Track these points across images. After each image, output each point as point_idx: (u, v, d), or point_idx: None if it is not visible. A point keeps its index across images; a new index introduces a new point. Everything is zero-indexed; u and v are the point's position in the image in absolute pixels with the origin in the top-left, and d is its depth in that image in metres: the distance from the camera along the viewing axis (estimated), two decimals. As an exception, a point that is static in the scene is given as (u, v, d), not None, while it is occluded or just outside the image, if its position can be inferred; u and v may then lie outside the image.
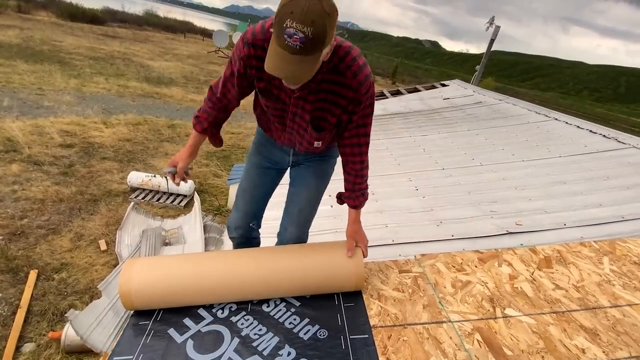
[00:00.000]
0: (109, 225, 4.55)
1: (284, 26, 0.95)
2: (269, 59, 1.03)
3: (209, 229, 4.36)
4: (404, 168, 3.40)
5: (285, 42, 0.97)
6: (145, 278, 1.43)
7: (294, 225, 1.65)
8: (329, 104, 1.27)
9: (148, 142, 7.54)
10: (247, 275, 1.47)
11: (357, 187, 1.48)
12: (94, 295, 3.38)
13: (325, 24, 0.97)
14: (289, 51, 0.98)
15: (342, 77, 1.20)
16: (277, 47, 1.00)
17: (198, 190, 5.74)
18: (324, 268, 1.50)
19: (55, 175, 5.42)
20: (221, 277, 1.47)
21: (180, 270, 1.48)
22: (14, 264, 3.61)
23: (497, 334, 1.32)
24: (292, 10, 0.94)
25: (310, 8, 0.94)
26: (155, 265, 1.51)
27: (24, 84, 9.51)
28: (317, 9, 0.95)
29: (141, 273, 1.44)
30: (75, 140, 6.73)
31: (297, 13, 0.94)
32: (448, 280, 1.63)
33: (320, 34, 0.97)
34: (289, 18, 0.94)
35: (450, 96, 6.35)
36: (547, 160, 3.24)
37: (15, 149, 5.86)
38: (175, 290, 1.43)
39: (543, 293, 1.53)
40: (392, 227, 2.30)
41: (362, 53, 1.25)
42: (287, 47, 0.98)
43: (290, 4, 0.95)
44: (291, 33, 0.95)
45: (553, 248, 1.82)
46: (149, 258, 1.53)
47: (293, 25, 0.94)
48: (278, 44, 1.00)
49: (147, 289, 1.42)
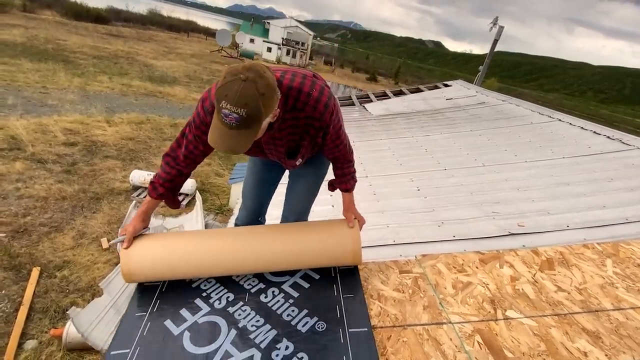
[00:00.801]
0: (111, 224, 4.56)
1: (220, 106, 1.02)
2: (211, 132, 1.10)
3: (211, 227, 4.36)
4: (406, 168, 3.39)
5: (223, 120, 1.04)
6: (144, 248, 1.48)
7: (293, 214, 1.76)
8: (298, 135, 1.33)
9: (150, 140, 7.56)
10: (246, 245, 1.51)
11: (346, 171, 1.56)
12: (96, 293, 3.39)
13: (259, 104, 1.03)
14: (227, 127, 1.05)
15: (303, 112, 1.26)
16: (217, 122, 1.08)
17: (200, 189, 5.75)
18: (321, 238, 1.55)
19: (59, 173, 5.45)
20: (220, 246, 1.52)
21: (180, 240, 1.55)
22: (16, 261, 3.63)
23: (497, 336, 1.31)
24: (227, 94, 1.01)
25: (243, 92, 1.01)
26: (155, 237, 1.56)
27: (29, 82, 9.57)
28: (250, 92, 1.01)
29: (141, 243, 1.48)
30: (78, 139, 6.76)
31: (230, 97, 1.00)
32: (449, 281, 1.62)
33: (254, 114, 1.03)
34: (223, 100, 1.01)
35: (453, 96, 6.33)
36: (551, 162, 3.22)
37: (19, 147, 5.89)
38: (174, 258, 1.47)
39: (545, 295, 1.52)
40: (394, 228, 2.29)
41: (314, 81, 1.28)
42: (225, 124, 1.05)
43: (225, 87, 1.02)
44: (227, 113, 1.02)
45: (555, 250, 1.80)
46: (150, 233, 1.57)
47: (227, 107, 1.01)
48: (218, 118, 1.07)
49: (146, 256, 1.46)
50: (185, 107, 10.96)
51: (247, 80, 1.01)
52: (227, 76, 1.03)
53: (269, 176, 1.74)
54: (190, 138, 1.35)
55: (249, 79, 1.01)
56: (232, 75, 1.02)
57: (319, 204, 2.70)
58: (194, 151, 1.38)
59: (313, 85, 1.26)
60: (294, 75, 1.26)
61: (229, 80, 1.01)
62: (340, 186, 1.60)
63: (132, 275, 1.47)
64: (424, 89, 7.28)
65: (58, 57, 13.30)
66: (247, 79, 1.01)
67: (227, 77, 1.03)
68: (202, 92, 1.41)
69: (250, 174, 1.74)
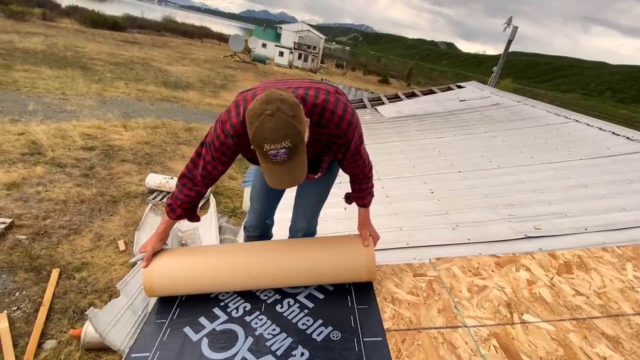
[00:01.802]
0: (127, 226, 4.66)
1: (265, 150, 1.02)
2: (269, 177, 1.10)
3: (224, 230, 4.41)
4: (419, 170, 3.37)
5: (274, 160, 1.04)
6: (165, 264, 1.51)
7: (303, 219, 1.76)
8: (319, 149, 1.33)
9: (166, 145, 7.70)
10: (263, 261, 1.53)
11: (364, 186, 1.54)
12: (113, 294, 3.46)
13: (296, 127, 1.02)
14: (280, 165, 1.05)
15: (326, 129, 1.25)
16: (269, 165, 1.07)
17: (213, 193, 5.82)
18: (337, 255, 1.55)
19: (77, 177, 5.59)
20: (238, 263, 1.54)
21: (199, 257, 1.57)
22: (37, 262, 3.74)
23: (514, 340, 1.29)
24: (265, 136, 1.00)
25: (278, 125, 0.99)
26: (175, 253, 1.60)
27: (49, 89, 9.86)
28: (283, 122, 1.00)
29: (162, 260, 1.52)
30: (96, 143, 6.93)
31: (269, 137, 1.00)
32: (464, 284, 1.60)
33: (297, 138, 1.03)
34: (265, 144, 1.01)
35: (466, 98, 6.26)
36: (567, 163, 3.16)
37: (40, 152, 6.07)
38: (194, 274, 1.50)
39: (563, 299, 1.49)
40: (407, 230, 2.28)
41: (337, 98, 1.28)
42: (277, 163, 1.05)
43: (259, 131, 1.00)
44: (274, 154, 1.02)
45: (573, 253, 1.77)
46: (169, 249, 1.60)
47: (272, 147, 1.01)
48: (268, 162, 1.06)
49: (168, 273, 1.50)
50: (199, 112, 11.13)
51: (274, 114, 1.00)
52: (253, 120, 1.02)
53: None
54: (209, 159, 1.34)
55: (274, 110, 1.00)
56: (257, 117, 1.01)
57: (329, 206, 2.71)
58: (212, 172, 1.38)
59: (337, 102, 1.25)
60: (318, 91, 1.25)
61: (258, 123, 1.00)
62: (357, 201, 1.60)
63: (154, 291, 1.51)
64: (437, 90, 7.22)
65: (77, 64, 13.68)
66: (273, 112, 1.00)
67: (253, 121, 1.02)
68: (218, 95, 1.42)
69: (258, 179, 1.75)
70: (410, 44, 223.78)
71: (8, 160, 5.57)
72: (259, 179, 1.74)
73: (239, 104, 1.24)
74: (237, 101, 1.26)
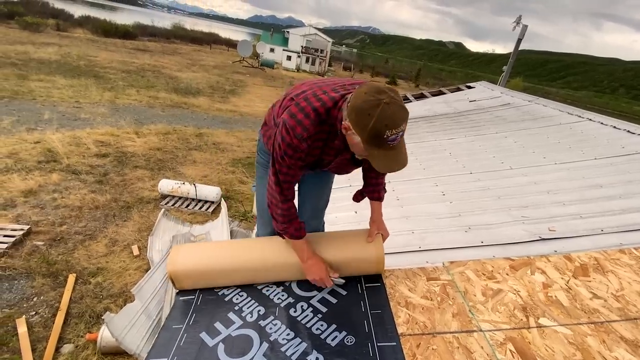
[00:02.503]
0: (141, 231, 4.73)
1: (385, 137, 1.08)
2: (383, 162, 1.15)
3: (236, 234, 4.45)
4: (429, 173, 3.35)
5: (390, 145, 1.11)
6: (190, 257, 1.63)
7: (311, 218, 1.81)
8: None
9: (177, 150, 7.81)
10: (277, 253, 1.62)
11: (380, 180, 1.63)
12: (128, 298, 3.52)
13: (407, 109, 1.11)
14: (393, 149, 1.13)
15: None
16: (384, 152, 1.13)
17: (224, 197, 5.87)
18: (347, 246, 1.65)
19: (92, 183, 5.70)
20: (255, 255, 1.64)
21: (220, 250, 1.72)
22: (54, 268, 3.82)
23: (531, 345, 1.28)
24: (386, 123, 1.06)
25: (395, 110, 1.07)
26: (198, 247, 1.75)
27: (63, 97, 10.09)
28: (398, 107, 1.08)
29: (186, 253, 1.64)
30: (109, 150, 7.06)
31: (391, 124, 1.07)
32: (478, 288, 1.58)
33: (407, 119, 1.12)
34: (387, 130, 1.07)
35: (476, 98, 6.21)
36: (581, 163, 3.11)
37: (55, 159, 6.22)
38: (216, 267, 1.61)
39: (580, 302, 1.46)
40: (419, 234, 2.27)
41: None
42: (392, 148, 1.12)
43: (381, 119, 1.06)
44: (394, 137, 1.09)
45: (590, 255, 1.74)
46: (192, 244, 1.73)
47: (392, 132, 1.08)
48: (384, 148, 1.12)
49: (192, 265, 1.61)
50: (209, 117, 11.25)
51: (390, 102, 1.06)
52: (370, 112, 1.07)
53: None
54: (287, 171, 1.34)
55: (390, 98, 1.07)
56: (375, 107, 1.06)
57: (340, 210, 2.71)
58: (293, 180, 1.39)
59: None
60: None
61: (378, 113, 1.06)
62: (373, 195, 1.64)
63: (180, 282, 1.61)
64: (446, 91, 7.18)
65: (90, 72, 13.97)
66: (389, 101, 1.06)
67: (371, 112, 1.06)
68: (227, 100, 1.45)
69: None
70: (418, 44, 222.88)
71: (25, 168, 5.72)
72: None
73: (301, 105, 1.25)
74: (299, 105, 1.26)
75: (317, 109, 1.23)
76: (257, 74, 24.43)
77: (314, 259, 1.55)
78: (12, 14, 26.17)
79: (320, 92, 1.28)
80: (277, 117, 1.40)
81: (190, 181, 5.93)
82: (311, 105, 1.24)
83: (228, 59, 29.38)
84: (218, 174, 6.98)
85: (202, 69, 21.51)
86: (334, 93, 1.27)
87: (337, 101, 1.24)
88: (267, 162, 1.71)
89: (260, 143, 1.70)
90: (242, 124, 11.10)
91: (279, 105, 1.41)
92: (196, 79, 17.49)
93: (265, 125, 1.60)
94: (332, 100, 1.24)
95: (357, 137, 1.14)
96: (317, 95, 1.27)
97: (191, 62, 23.56)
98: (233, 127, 10.67)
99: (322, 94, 1.27)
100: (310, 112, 1.23)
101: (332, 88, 1.30)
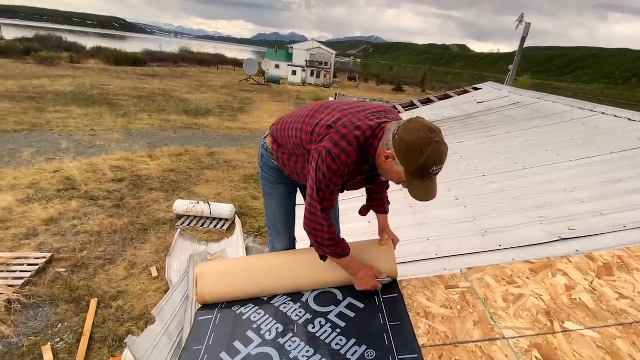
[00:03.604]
0: (158, 253, 4.79)
1: (430, 172, 1.20)
2: (420, 192, 1.26)
3: (251, 250, 4.46)
4: (441, 177, 3.29)
5: (432, 178, 1.23)
6: (215, 272, 1.75)
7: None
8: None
9: (190, 170, 7.94)
10: (297, 265, 1.73)
11: (384, 195, 1.74)
12: (149, 320, 3.55)
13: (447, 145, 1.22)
14: (433, 181, 1.25)
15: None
16: (423, 183, 1.24)
17: (238, 213, 5.92)
18: (360, 257, 1.69)
19: (109, 208, 5.83)
20: (278, 268, 1.75)
21: (243, 264, 1.86)
22: (76, 294, 3.89)
23: (557, 350, 1.24)
24: (435, 159, 1.17)
25: (444, 149, 1.19)
26: (222, 263, 1.88)
27: (79, 126, 10.42)
28: (446, 146, 1.20)
29: (212, 269, 1.76)
30: (125, 175, 7.22)
31: (439, 160, 1.18)
32: (498, 294, 1.55)
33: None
34: (433, 166, 1.18)
35: (484, 99, 6.16)
36: (597, 158, 3.04)
37: (74, 187, 6.39)
38: (240, 279, 1.70)
39: (606, 304, 1.42)
40: (435, 240, 2.24)
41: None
42: (431, 180, 1.24)
43: (432, 156, 1.17)
44: (436, 172, 1.21)
45: (613, 254, 1.68)
46: (217, 260, 1.85)
47: (437, 168, 1.20)
48: (425, 180, 1.23)
49: (217, 279, 1.71)
50: (219, 136, 11.43)
51: (440, 141, 1.17)
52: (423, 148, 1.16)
53: (292, 203, 1.88)
54: (329, 197, 1.40)
55: (441, 138, 1.18)
56: (427, 144, 1.16)
57: (354, 221, 2.70)
58: (334, 204, 1.47)
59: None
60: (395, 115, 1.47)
61: (430, 150, 1.16)
62: (379, 209, 1.76)
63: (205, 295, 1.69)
64: (453, 94, 7.15)
65: (103, 101, 14.41)
66: (440, 140, 1.18)
67: (423, 149, 1.16)
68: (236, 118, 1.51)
69: (278, 208, 1.84)
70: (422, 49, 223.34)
71: (46, 197, 5.89)
72: (279, 209, 1.84)
73: (342, 133, 1.31)
74: (340, 133, 1.31)
75: (359, 137, 1.30)
76: (264, 90, 24.80)
77: (364, 270, 1.62)
78: (28, 50, 27.36)
79: (356, 120, 1.34)
80: (305, 142, 1.44)
81: (204, 200, 6.01)
82: (352, 133, 1.30)
83: (235, 78, 29.95)
84: (231, 191, 7.06)
85: (211, 89, 21.96)
86: (370, 121, 1.33)
87: (375, 129, 1.32)
88: (273, 178, 1.74)
89: (265, 159, 1.73)
90: (251, 141, 11.24)
91: (309, 131, 1.42)
92: (205, 99, 17.85)
93: (276, 143, 1.62)
94: (370, 129, 1.32)
95: (400, 167, 1.24)
96: (355, 123, 1.33)
97: (199, 83, 24.10)
98: (243, 144, 10.81)
99: (358, 122, 1.33)
100: (353, 140, 1.29)
101: (365, 116, 1.36)
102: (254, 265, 1.79)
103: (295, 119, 1.52)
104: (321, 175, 1.33)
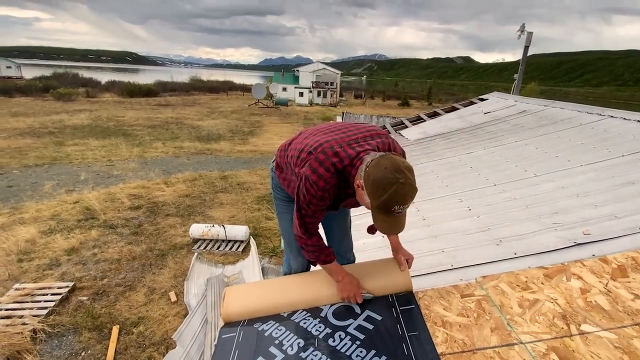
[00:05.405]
0: (176, 277, 4.86)
1: (392, 210, 1.22)
2: (384, 226, 1.29)
3: (267, 271, 4.50)
4: (452, 189, 3.35)
5: (394, 215, 1.24)
6: (240, 289, 1.90)
7: (339, 246, 1.96)
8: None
9: (204, 195, 8.09)
10: (318, 281, 1.80)
11: None
12: (169, 345, 3.58)
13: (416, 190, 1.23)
14: (397, 217, 1.26)
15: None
16: (387, 217, 1.26)
17: (253, 235, 5.99)
18: (378, 272, 1.79)
19: (128, 235, 5.97)
20: (299, 285, 1.86)
21: (269, 285, 1.99)
22: (98, 321, 3.97)
23: (575, 353, 1.24)
24: (397, 200, 1.19)
25: (407, 191, 1.19)
26: (249, 285, 2.00)
27: (96, 158, 10.78)
28: (410, 188, 1.19)
29: (237, 287, 1.90)
30: (142, 202, 7.40)
31: (401, 201, 1.19)
32: (514, 300, 1.56)
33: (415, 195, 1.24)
34: (395, 206, 1.20)
35: (491, 109, 6.20)
36: (609, 162, 3.03)
37: (93, 216, 6.58)
38: (266, 298, 1.81)
39: (621, 305, 1.42)
40: (449, 252, 2.26)
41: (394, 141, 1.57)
42: (395, 217, 1.26)
43: (393, 196, 1.19)
44: (399, 211, 1.23)
45: (627, 255, 1.68)
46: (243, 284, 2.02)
47: (400, 207, 1.21)
48: (388, 216, 1.25)
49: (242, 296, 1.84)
50: (231, 160, 11.66)
51: (405, 182, 1.18)
52: (386, 187, 1.19)
53: None
54: (312, 214, 1.47)
55: (406, 179, 1.19)
56: (391, 184, 1.18)
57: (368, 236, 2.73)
58: (318, 220, 1.54)
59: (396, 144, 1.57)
60: (387, 138, 1.53)
61: (392, 190, 1.18)
62: None
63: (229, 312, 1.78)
64: (459, 106, 7.21)
65: (119, 132, 14.92)
66: (405, 181, 1.18)
67: (386, 188, 1.18)
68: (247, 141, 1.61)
69: (291, 225, 1.89)
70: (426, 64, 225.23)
71: (67, 227, 6.08)
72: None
73: (320, 159, 1.37)
74: (318, 160, 1.37)
75: (336, 164, 1.35)
76: (273, 113, 25.29)
77: (348, 277, 1.67)
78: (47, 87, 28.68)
79: (337, 146, 1.39)
80: (293, 166, 1.52)
81: (219, 223, 6.11)
82: (330, 160, 1.36)
83: (244, 102, 30.67)
84: (245, 213, 7.15)
85: (221, 115, 22.51)
86: (351, 150, 1.37)
87: (353, 159, 1.35)
88: (284, 197, 1.81)
89: (275, 180, 1.81)
90: (262, 162, 11.42)
91: (296, 156, 1.50)
92: (216, 125, 18.29)
93: (279, 167, 1.71)
94: (348, 158, 1.35)
95: (368, 198, 1.26)
96: (334, 149, 1.37)
97: (210, 110, 24.74)
98: (255, 166, 10.99)
99: (338, 148, 1.38)
100: (330, 166, 1.35)
101: (347, 142, 1.40)
102: (275, 282, 1.93)
103: (293, 145, 1.60)
104: (301, 196, 1.43)
